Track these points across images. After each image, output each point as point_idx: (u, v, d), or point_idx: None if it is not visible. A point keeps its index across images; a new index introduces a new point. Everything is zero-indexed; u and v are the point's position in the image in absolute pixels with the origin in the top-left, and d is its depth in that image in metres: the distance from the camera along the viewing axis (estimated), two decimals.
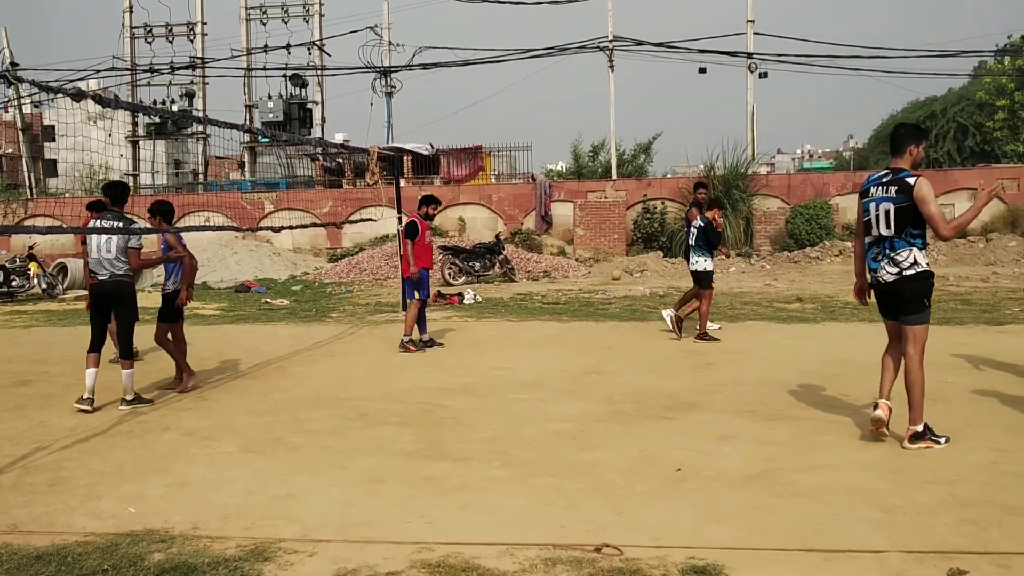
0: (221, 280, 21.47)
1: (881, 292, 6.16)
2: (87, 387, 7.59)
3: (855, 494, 4.96)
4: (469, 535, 4.48)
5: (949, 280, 17.45)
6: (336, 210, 25.96)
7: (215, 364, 9.92)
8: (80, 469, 5.87)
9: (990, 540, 4.25)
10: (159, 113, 10.04)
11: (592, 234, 24.45)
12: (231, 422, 7.15)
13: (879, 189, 6.04)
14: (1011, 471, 5.31)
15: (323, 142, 23.68)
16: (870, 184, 6.17)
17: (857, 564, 4.02)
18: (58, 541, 4.51)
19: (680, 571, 3.96)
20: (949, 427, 6.37)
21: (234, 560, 4.20)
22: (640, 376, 8.65)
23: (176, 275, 8.71)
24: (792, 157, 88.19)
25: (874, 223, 6.04)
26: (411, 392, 8.17)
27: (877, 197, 6.03)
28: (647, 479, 5.35)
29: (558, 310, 14.38)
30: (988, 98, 32.35)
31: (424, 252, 10.65)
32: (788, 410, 7.04)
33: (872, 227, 6.07)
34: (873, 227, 6.06)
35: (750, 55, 28.45)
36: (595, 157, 32.20)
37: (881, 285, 6.10)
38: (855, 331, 11.23)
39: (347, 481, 5.48)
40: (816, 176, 26.42)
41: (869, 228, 6.11)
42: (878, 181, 6.11)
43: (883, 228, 5.98)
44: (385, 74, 32.22)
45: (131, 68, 36.96)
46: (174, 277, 8.72)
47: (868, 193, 6.13)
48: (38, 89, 6.36)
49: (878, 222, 6.01)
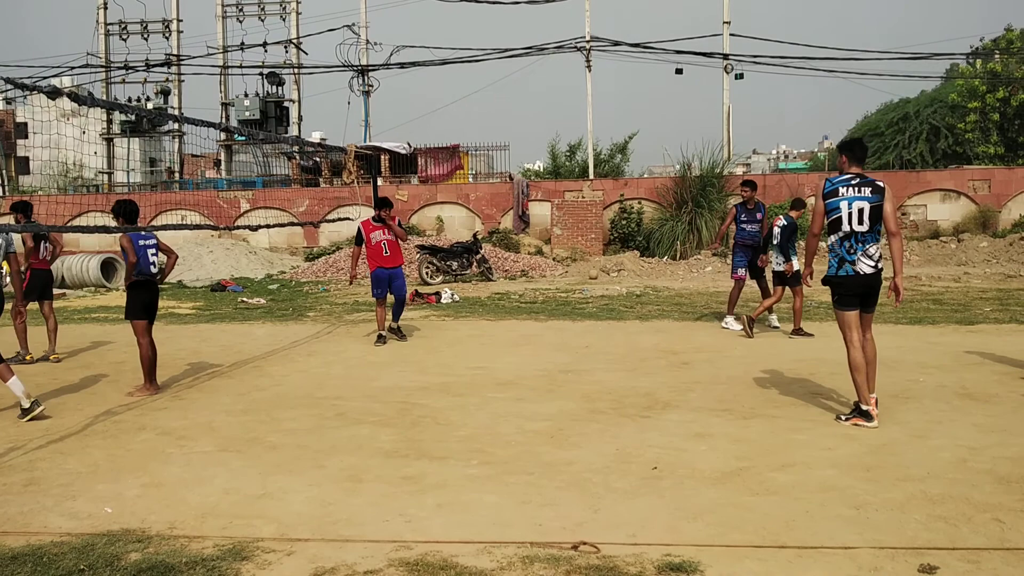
0: (197, 279, 21.33)
1: (860, 284, 6.56)
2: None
3: (828, 491, 5.03)
4: (447, 533, 4.50)
5: (921, 280, 17.66)
6: (313, 209, 25.87)
7: (191, 363, 9.86)
8: (55, 469, 5.83)
9: (960, 536, 4.33)
10: (134, 111, 9.97)
11: (569, 234, 24.51)
12: (208, 421, 7.12)
13: (850, 190, 6.54)
14: (980, 468, 5.40)
15: (300, 141, 23.54)
16: (838, 185, 6.59)
17: (830, 560, 4.08)
18: (33, 541, 4.48)
19: (656, 568, 4.00)
20: (919, 425, 6.48)
21: (212, 560, 4.19)
22: (617, 375, 8.70)
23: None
24: (767, 157, 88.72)
25: (846, 220, 6.52)
26: (389, 391, 8.17)
27: (850, 196, 6.52)
28: (624, 477, 5.39)
29: (535, 309, 14.42)
30: (960, 100, 32.71)
31: (375, 253, 11.05)
32: (763, 408, 7.12)
33: (843, 223, 6.53)
34: (844, 223, 6.53)
35: (726, 56, 28.62)
36: (572, 157, 32.27)
37: (860, 277, 6.53)
38: (828, 330, 11.33)
39: (325, 480, 5.48)
40: (791, 176, 26.60)
41: (839, 225, 6.56)
42: (846, 183, 6.58)
43: (856, 224, 6.50)
44: (362, 73, 32.11)
45: (106, 65, 36.62)
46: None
47: (837, 193, 6.57)
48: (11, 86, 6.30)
49: (851, 219, 6.51)
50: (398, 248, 11.28)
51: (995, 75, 32.29)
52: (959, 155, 32.57)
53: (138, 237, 8.27)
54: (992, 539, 4.29)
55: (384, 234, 11.14)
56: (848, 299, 6.63)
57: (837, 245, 6.59)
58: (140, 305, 8.33)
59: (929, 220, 23.82)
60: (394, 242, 11.20)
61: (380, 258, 11.10)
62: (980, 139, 32.36)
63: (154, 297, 8.47)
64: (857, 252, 6.51)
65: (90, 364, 10.00)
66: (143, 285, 8.31)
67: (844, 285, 6.61)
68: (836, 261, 6.61)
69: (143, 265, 8.26)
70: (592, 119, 28.78)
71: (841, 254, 6.57)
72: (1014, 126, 32.46)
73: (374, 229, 11.14)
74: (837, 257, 6.59)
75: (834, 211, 6.57)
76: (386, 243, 11.12)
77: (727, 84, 28.70)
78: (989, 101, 31.96)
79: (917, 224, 23.76)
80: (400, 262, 11.31)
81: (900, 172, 26.84)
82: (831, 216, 6.59)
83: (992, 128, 32.30)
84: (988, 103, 31.99)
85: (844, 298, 6.64)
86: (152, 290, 8.41)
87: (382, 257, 11.11)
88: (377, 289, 11.17)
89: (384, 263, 11.12)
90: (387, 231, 11.17)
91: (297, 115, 37.20)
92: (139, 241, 8.23)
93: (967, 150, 32.51)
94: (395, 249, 11.22)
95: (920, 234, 23.58)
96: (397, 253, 11.25)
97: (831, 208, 6.59)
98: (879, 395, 7.47)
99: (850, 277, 6.56)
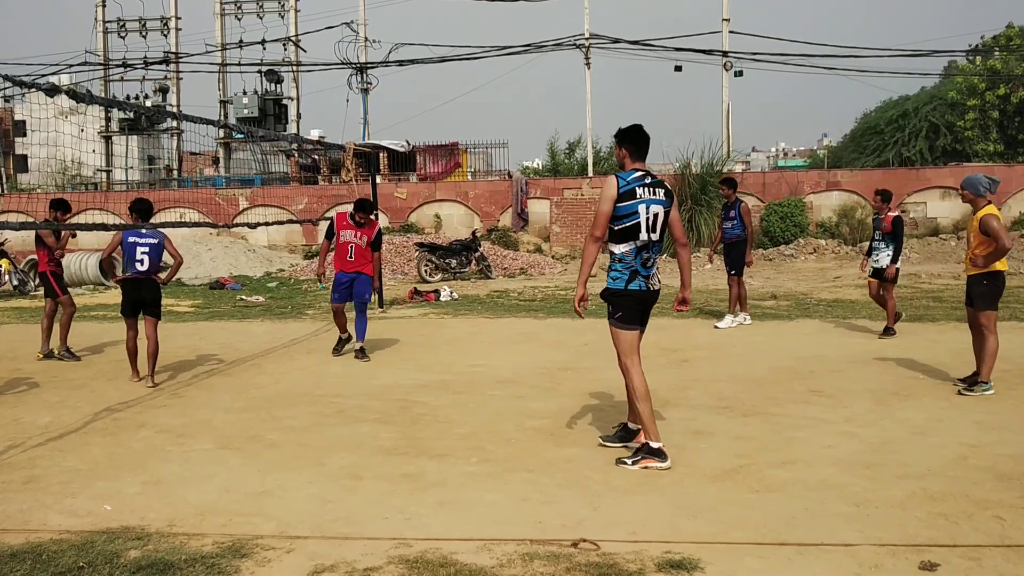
0: (195, 277, 21.31)
1: (646, 301, 5.74)
2: None
3: (828, 489, 5.03)
4: (447, 531, 4.50)
5: (921, 277, 17.66)
6: (312, 207, 25.84)
7: (190, 361, 9.86)
8: (54, 467, 5.82)
9: (960, 533, 4.33)
10: (133, 108, 9.97)
11: (568, 231, 24.50)
12: (207, 419, 7.12)
13: (646, 191, 5.54)
14: (981, 466, 5.40)
15: (298, 138, 23.53)
16: (634, 184, 5.52)
17: (830, 557, 4.07)
18: (33, 539, 4.48)
19: (656, 565, 4.00)
20: (920, 423, 6.47)
21: (211, 557, 4.19)
22: (616, 372, 8.60)
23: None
24: (767, 155, 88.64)
25: (644, 227, 5.51)
26: (388, 389, 8.17)
27: (647, 199, 5.52)
28: (623, 475, 5.39)
29: (534, 307, 14.41)
30: (959, 97, 32.73)
31: (340, 254, 10.02)
32: (762, 406, 7.12)
33: (641, 231, 5.51)
34: (642, 231, 5.51)
35: (725, 53, 28.62)
36: (571, 154, 32.31)
37: (650, 293, 5.69)
38: (829, 328, 11.35)
39: (325, 478, 5.47)
40: (791, 174, 26.61)
41: (635, 232, 5.52)
42: (641, 182, 5.55)
43: (652, 233, 5.55)
44: (361, 70, 32.08)
45: (104, 63, 36.61)
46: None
47: (634, 194, 5.50)
48: (10, 83, 6.29)
49: (649, 226, 5.52)
50: (365, 256, 10.02)
51: (994, 72, 32.30)
52: (959, 152, 32.61)
53: (130, 234, 8.58)
54: (993, 536, 4.29)
55: (355, 237, 9.97)
56: (632, 316, 5.68)
57: (631, 255, 5.55)
58: (126, 302, 8.78)
59: (929, 217, 23.82)
60: (363, 249, 9.99)
61: (344, 260, 10.00)
62: (980, 136, 32.40)
63: (141, 294, 8.70)
64: (653, 266, 5.64)
65: (89, 362, 10.00)
66: (128, 282, 8.70)
67: (632, 299, 5.63)
68: (627, 274, 5.57)
69: (127, 262, 8.66)
70: (591, 117, 28.80)
71: (636, 266, 5.56)
72: (1014, 123, 32.49)
73: (347, 228, 10.00)
74: (629, 269, 5.56)
75: (630, 216, 5.46)
76: (354, 247, 9.97)
77: (726, 81, 28.71)
78: (989, 98, 31.98)
79: (917, 221, 23.75)
80: (365, 270, 10.04)
81: (900, 169, 26.86)
82: (626, 222, 5.48)
83: (992, 125, 32.33)
84: (988, 100, 32.01)
85: (628, 314, 5.67)
86: (138, 287, 8.67)
87: (346, 260, 9.99)
88: (335, 293, 10.10)
89: (346, 267, 9.99)
90: (360, 235, 9.98)
91: (296, 113, 37.22)
92: (129, 238, 8.57)
93: (966, 147, 32.55)
94: (361, 256, 10.00)
95: (920, 231, 23.58)
96: (363, 260, 10.02)
97: (627, 212, 5.46)
98: (880, 392, 7.49)
99: (641, 292, 5.62)
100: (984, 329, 7.59)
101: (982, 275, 7.55)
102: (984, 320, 7.57)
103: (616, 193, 5.47)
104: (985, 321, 7.57)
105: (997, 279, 7.55)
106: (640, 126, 5.79)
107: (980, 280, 7.57)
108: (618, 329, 5.71)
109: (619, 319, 5.69)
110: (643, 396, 5.70)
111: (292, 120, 37.45)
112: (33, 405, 7.70)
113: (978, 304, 7.61)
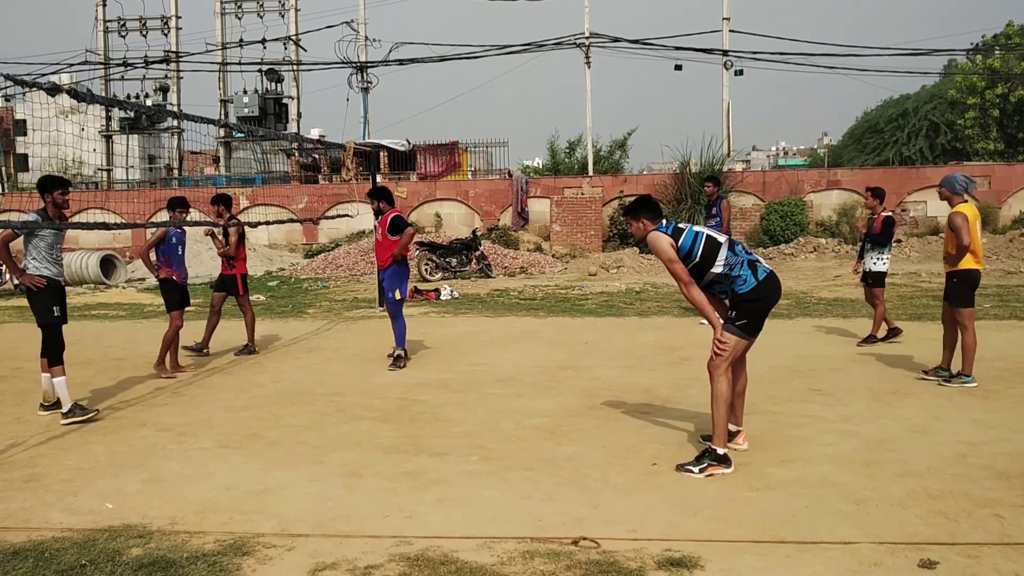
0: (196, 276, 21.32)
1: (777, 289, 5.68)
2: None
3: (827, 487, 5.04)
4: (447, 529, 4.51)
5: (921, 276, 17.68)
6: (312, 206, 25.85)
7: (191, 360, 9.88)
8: (56, 465, 5.84)
9: (959, 531, 4.34)
10: (133, 107, 9.96)
11: (569, 230, 24.51)
12: (208, 418, 7.13)
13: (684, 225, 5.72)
14: (979, 464, 5.41)
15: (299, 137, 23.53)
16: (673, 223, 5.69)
17: (829, 555, 4.08)
18: (35, 537, 4.49)
19: (656, 563, 4.01)
20: (919, 421, 6.48)
21: (213, 555, 4.20)
22: (616, 371, 8.71)
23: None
24: (767, 154, 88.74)
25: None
26: (389, 387, 8.18)
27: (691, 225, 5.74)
28: (623, 473, 5.40)
29: (534, 306, 14.42)
30: (959, 96, 32.73)
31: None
32: (761, 404, 7.12)
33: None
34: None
35: (725, 52, 28.59)
36: (571, 153, 32.27)
37: (776, 277, 5.69)
38: (828, 326, 11.36)
39: (325, 476, 5.49)
40: (791, 173, 26.61)
41: (711, 248, 5.61)
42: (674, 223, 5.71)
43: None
44: (361, 69, 32.06)
45: (104, 62, 36.62)
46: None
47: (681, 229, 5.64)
48: (11, 83, 6.29)
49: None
50: (388, 249, 9.37)
51: (994, 71, 32.30)
52: (958, 151, 32.62)
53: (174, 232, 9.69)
54: (992, 534, 4.30)
55: (376, 231, 9.59)
56: (757, 323, 5.63)
57: (732, 259, 5.56)
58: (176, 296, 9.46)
59: (929, 216, 23.80)
60: (383, 242, 9.42)
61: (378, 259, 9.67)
62: (980, 135, 32.40)
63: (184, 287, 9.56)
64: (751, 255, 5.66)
65: (90, 361, 10.01)
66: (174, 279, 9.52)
67: (769, 287, 5.59)
68: (746, 267, 5.56)
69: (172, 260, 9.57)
70: (591, 116, 28.76)
71: (744, 258, 5.59)
72: (1013, 122, 32.49)
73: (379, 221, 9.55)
74: (742, 263, 5.56)
75: (694, 244, 5.56)
76: (376, 243, 9.66)
77: (726, 80, 28.67)
78: (989, 97, 31.98)
79: (917, 220, 23.75)
80: (385, 263, 9.45)
81: (900, 168, 26.84)
82: (696, 250, 5.55)
83: (992, 124, 32.32)
84: (988, 99, 32.01)
85: (755, 321, 5.62)
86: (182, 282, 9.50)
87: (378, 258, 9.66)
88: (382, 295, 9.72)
89: (379, 265, 9.66)
90: (379, 228, 9.49)
91: (296, 112, 37.22)
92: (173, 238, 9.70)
93: (967, 146, 32.56)
94: (383, 250, 9.46)
95: (920, 231, 23.57)
96: (383, 252, 9.47)
97: (689, 244, 5.57)
98: (880, 390, 7.50)
99: (773, 274, 5.65)
100: (960, 326, 7.77)
101: (953, 272, 7.81)
102: (959, 316, 7.75)
103: (669, 237, 5.52)
104: (959, 317, 7.75)
105: (967, 277, 7.75)
106: (648, 196, 5.85)
107: (951, 278, 7.85)
108: (736, 337, 5.58)
109: (742, 327, 5.56)
110: (726, 402, 5.61)
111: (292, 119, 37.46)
112: (35, 404, 7.70)
113: (954, 301, 7.84)
